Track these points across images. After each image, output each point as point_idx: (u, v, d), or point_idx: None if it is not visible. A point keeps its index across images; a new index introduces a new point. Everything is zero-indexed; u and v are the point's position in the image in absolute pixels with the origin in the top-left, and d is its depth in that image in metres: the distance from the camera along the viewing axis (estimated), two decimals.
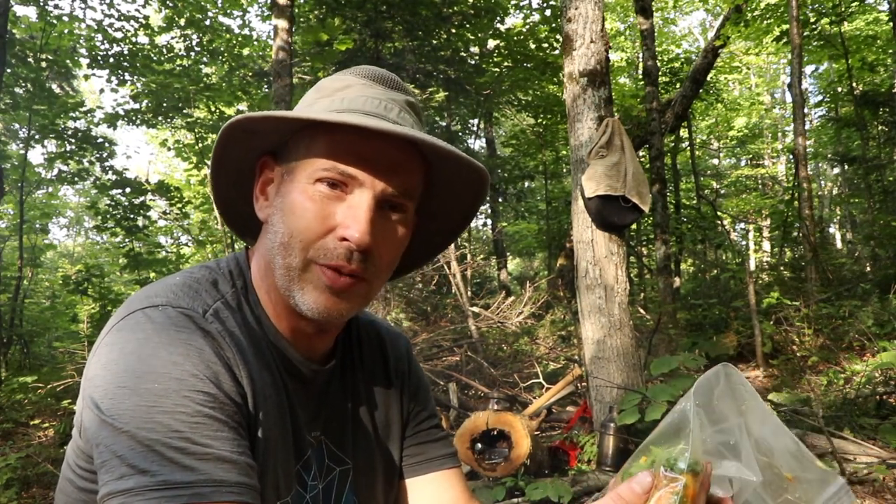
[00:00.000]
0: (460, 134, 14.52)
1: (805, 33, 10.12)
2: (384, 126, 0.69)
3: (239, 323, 0.74)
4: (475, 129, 15.26)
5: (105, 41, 9.61)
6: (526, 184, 15.51)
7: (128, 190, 8.37)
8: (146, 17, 9.66)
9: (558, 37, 10.37)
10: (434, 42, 10.74)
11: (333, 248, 0.72)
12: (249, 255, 0.83)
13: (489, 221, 17.18)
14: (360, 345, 0.93)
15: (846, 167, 15.15)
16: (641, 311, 9.55)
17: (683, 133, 14.36)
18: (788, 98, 16.93)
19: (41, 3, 8.63)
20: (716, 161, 22.08)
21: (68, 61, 9.94)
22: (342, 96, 0.76)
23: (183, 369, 0.65)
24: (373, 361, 0.94)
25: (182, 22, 9.65)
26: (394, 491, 0.94)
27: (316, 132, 0.73)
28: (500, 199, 15.18)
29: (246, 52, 10.91)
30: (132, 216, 8.39)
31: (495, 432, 3.84)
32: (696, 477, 0.59)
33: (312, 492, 0.82)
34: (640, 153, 10.52)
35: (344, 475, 0.86)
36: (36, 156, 44.02)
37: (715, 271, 14.37)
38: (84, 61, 9.92)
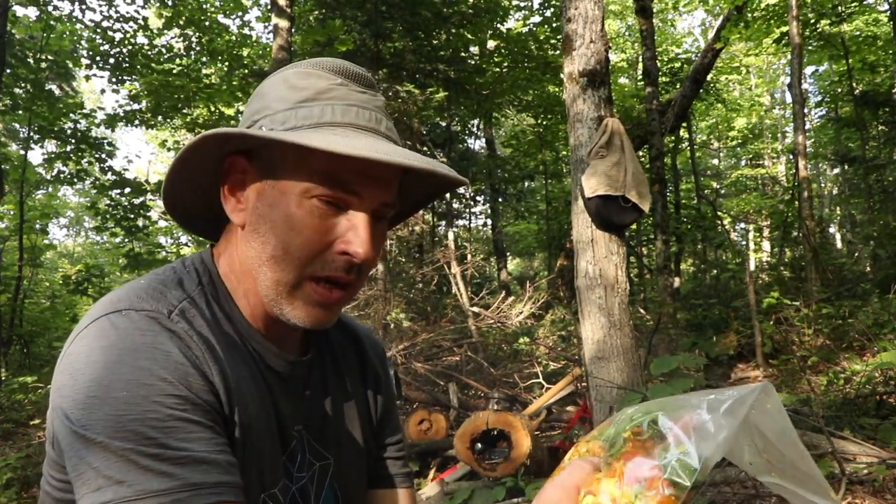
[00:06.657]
0: (460, 134, 14.51)
1: (805, 34, 10.12)
2: (399, 160, 0.67)
3: (208, 320, 0.73)
4: (475, 129, 15.26)
5: (105, 42, 9.61)
6: (526, 184, 15.51)
7: (127, 190, 8.37)
8: (145, 19, 9.65)
9: (558, 37, 10.37)
10: (434, 42, 10.74)
11: (332, 261, 0.72)
12: (215, 252, 0.82)
13: (489, 221, 17.18)
14: (334, 339, 0.93)
15: (846, 167, 15.14)
16: (641, 311, 9.55)
17: (683, 133, 14.37)
18: (788, 98, 16.92)
19: (41, 4, 8.63)
20: (716, 161, 22.09)
21: (68, 62, 9.93)
22: (330, 104, 0.74)
23: (151, 374, 0.64)
24: (349, 359, 0.94)
25: (181, 21, 9.64)
26: (365, 485, 0.94)
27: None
28: (500, 199, 15.18)
29: (245, 52, 10.91)
30: (132, 216, 8.40)
31: (495, 432, 3.83)
32: (691, 492, 0.51)
33: (299, 483, 0.81)
34: (640, 153, 10.51)
35: (324, 470, 0.86)
36: (36, 156, 44.09)
37: (715, 271, 14.37)
38: (84, 62, 9.92)
